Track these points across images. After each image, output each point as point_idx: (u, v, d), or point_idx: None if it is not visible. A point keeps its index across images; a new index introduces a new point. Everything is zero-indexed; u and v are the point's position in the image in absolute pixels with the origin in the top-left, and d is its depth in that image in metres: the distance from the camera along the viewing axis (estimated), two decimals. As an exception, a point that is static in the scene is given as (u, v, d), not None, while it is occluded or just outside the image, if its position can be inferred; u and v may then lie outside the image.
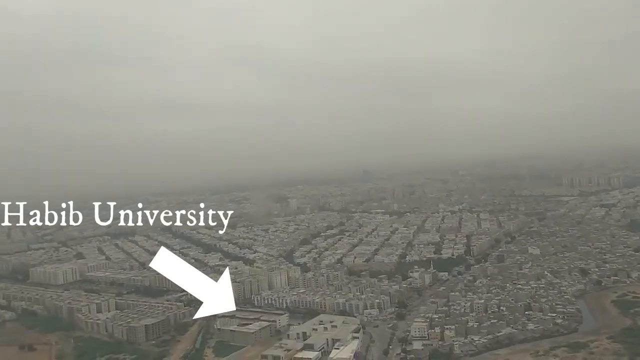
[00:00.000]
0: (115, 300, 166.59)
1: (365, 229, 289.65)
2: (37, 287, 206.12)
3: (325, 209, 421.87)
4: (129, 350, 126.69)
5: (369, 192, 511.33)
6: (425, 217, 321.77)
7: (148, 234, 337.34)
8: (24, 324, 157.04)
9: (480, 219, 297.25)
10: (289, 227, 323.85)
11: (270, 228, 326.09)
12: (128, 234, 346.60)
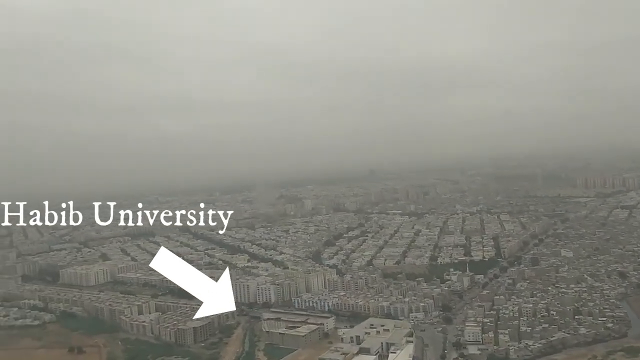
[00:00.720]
0: (155, 302, 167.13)
1: (387, 231, 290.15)
2: (69, 288, 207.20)
3: (341, 210, 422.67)
4: (179, 352, 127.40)
5: (381, 193, 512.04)
6: (445, 219, 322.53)
7: (168, 235, 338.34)
8: (66, 326, 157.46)
9: (501, 220, 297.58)
10: (309, 228, 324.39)
11: (289, 229, 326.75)
12: (148, 235, 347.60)
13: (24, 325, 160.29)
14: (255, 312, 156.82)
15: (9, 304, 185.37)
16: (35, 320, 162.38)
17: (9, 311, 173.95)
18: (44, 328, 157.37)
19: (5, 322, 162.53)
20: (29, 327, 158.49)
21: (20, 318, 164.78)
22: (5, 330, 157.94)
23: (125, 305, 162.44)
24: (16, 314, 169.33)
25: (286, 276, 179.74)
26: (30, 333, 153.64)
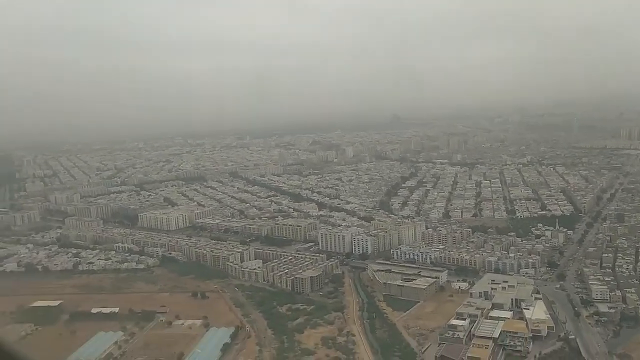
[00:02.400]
0: (254, 249, 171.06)
1: (446, 181, 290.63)
2: (148, 232, 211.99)
3: (383, 158, 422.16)
4: (301, 300, 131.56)
5: (421, 141, 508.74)
6: (499, 170, 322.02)
7: (220, 180, 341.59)
8: (172, 270, 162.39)
9: (560, 173, 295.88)
10: (361, 176, 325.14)
11: (341, 177, 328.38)
12: (198, 179, 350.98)
13: (129, 268, 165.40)
14: (355, 262, 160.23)
15: (102, 247, 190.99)
16: (139, 264, 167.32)
17: (108, 254, 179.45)
18: (151, 272, 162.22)
19: (110, 265, 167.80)
20: (135, 271, 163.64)
21: (124, 262, 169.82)
22: (113, 273, 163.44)
23: (227, 252, 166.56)
24: (117, 257, 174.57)
25: (376, 227, 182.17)
26: (140, 277, 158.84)
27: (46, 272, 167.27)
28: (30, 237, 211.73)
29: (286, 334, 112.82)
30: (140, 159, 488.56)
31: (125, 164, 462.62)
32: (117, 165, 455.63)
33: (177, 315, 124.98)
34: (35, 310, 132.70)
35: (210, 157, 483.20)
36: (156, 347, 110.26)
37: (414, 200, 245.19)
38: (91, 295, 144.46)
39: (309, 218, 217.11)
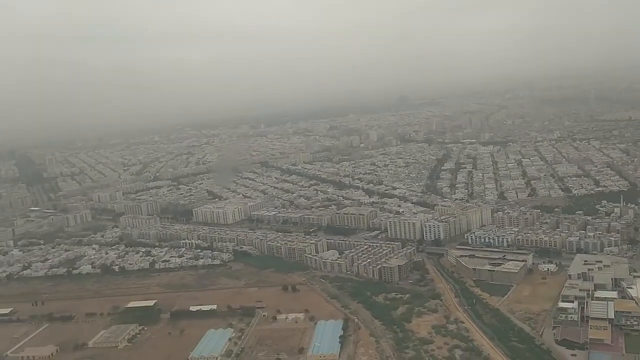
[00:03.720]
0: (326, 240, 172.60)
1: (483, 162, 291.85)
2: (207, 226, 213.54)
3: (408, 140, 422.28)
4: (394, 289, 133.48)
5: (442, 122, 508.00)
6: (532, 147, 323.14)
7: (253, 170, 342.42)
8: (250, 264, 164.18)
9: (595, 147, 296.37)
10: (396, 161, 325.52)
11: (375, 162, 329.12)
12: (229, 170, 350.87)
13: (206, 265, 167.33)
14: (429, 249, 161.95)
15: (168, 244, 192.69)
16: (214, 260, 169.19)
17: (179, 251, 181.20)
18: (229, 267, 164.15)
19: (186, 263, 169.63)
20: (213, 267, 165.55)
21: (198, 258, 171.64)
22: (191, 270, 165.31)
23: (301, 244, 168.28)
24: (189, 254, 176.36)
25: (441, 213, 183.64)
26: (220, 273, 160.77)
27: (123, 272, 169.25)
28: (90, 237, 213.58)
29: (395, 324, 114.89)
30: (161, 153, 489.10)
31: (148, 158, 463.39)
32: (141, 159, 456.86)
33: (278, 310, 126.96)
34: (133, 311, 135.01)
35: (230, 148, 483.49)
36: (272, 342, 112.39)
37: (461, 182, 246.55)
38: (180, 294, 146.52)
39: (363, 206, 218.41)
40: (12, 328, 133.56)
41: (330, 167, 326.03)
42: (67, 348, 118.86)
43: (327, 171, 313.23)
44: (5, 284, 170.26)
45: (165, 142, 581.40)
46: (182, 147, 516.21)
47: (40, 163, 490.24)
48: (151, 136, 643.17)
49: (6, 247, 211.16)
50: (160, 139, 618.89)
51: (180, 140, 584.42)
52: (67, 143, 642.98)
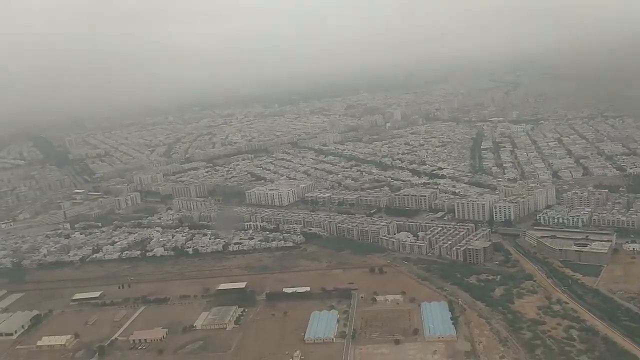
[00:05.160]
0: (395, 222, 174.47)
1: (521, 141, 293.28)
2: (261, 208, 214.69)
3: (433, 119, 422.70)
4: (483, 271, 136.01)
5: (463, 99, 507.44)
6: (566, 125, 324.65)
7: (286, 151, 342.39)
8: (322, 247, 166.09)
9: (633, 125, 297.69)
10: (430, 140, 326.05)
11: (408, 142, 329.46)
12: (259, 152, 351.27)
13: (279, 247, 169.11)
14: (502, 230, 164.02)
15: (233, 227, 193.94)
16: (286, 242, 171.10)
17: (247, 234, 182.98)
18: (304, 249, 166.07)
19: (259, 245, 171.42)
20: (287, 249, 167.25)
21: (271, 240, 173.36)
22: (266, 252, 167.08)
23: (374, 226, 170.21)
24: (259, 237, 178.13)
25: (505, 193, 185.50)
26: (296, 254, 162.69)
27: (197, 254, 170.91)
28: (147, 220, 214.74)
29: (498, 305, 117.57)
30: (180, 133, 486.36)
31: (169, 138, 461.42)
32: (162, 140, 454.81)
33: (374, 292, 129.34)
34: (225, 293, 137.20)
35: (251, 128, 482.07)
36: (381, 324, 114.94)
37: (506, 162, 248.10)
38: (265, 276, 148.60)
39: (416, 187, 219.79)
40: (110, 311, 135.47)
41: (364, 148, 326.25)
42: (174, 330, 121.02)
43: (362, 151, 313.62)
44: (80, 267, 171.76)
45: (180, 123, 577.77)
46: (200, 128, 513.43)
47: (59, 144, 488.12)
48: (164, 116, 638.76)
49: (64, 229, 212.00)
50: (174, 119, 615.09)
51: (196, 120, 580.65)
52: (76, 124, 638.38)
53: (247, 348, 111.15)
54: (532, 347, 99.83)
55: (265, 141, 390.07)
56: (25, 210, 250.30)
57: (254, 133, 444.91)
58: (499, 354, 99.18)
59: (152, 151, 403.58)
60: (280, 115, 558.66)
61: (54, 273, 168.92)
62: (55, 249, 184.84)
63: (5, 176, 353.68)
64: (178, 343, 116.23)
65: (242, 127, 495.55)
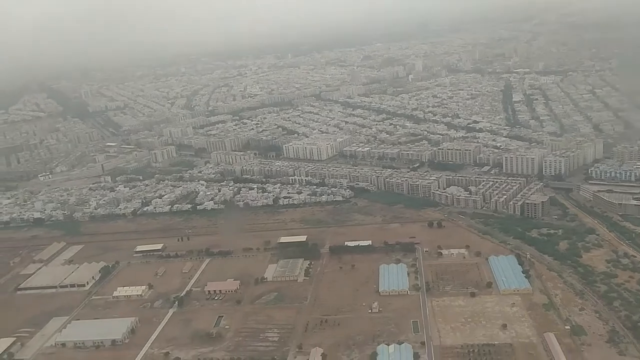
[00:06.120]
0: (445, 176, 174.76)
1: (553, 93, 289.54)
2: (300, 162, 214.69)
3: (455, 70, 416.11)
4: (542, 225, 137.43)
5: (483, 50, 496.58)
6: (595, 77, 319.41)
7: (311, 104, 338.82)
8: (373, 201, 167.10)
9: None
10: (459, 93, 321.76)
11: (435, 94, 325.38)
12: (283, 105, 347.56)
13: (329, 201, 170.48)
14: (555, 184, 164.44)
15: (275, 180, 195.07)
16: (336, 196, 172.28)
17: (294, 188, 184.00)
18: (355, 204, 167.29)
19: (309, 199, 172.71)
20: (337, 203, 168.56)
21: (320, 194, 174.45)
22: (317, 206, 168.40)
23: (424, 181, 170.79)
24: (307, 190, 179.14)
25: (552, 147, 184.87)
26: (348, 209, 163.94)
27: (248, 208, 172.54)
28: (187, 173, 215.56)
29: (567, 259, 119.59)
30: (196, 85, 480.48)
31: (185, 90, 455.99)
32: (179, 92, 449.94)
33: (438, 246, 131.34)
34: (288, 246, 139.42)
35: (268, 80, 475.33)
36: (451, 277, 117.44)
37: (543, 115, 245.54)
38: (322, 229, 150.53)
39: (456, 140, 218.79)
40: (175, 263, 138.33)
41: (391, 100, 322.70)
42: (246, 282, 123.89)
43: (390, 104, 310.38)
44: (132, 220, 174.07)
45: (193, 74, 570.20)
46: (215, 80, 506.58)
47: (74, 96, 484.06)
48: (176, 67, 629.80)
49: (105, 182, 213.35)
50: (186, 70, 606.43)
51: (209, 72, 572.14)
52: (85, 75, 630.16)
53: (323, 299, 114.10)
54: (609, 299, 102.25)
55: (286, 93, 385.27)
56: (60, 163, 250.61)
57: (272, 85, 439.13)
58: (578, 307, 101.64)
59: (172, 103, 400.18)
60: (296, 67, 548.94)
61: (108, 225, 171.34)
62: (104, 202, 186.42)
63: (29, 128, 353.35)
64: (253, 294, 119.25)
65: (258, 79, 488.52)
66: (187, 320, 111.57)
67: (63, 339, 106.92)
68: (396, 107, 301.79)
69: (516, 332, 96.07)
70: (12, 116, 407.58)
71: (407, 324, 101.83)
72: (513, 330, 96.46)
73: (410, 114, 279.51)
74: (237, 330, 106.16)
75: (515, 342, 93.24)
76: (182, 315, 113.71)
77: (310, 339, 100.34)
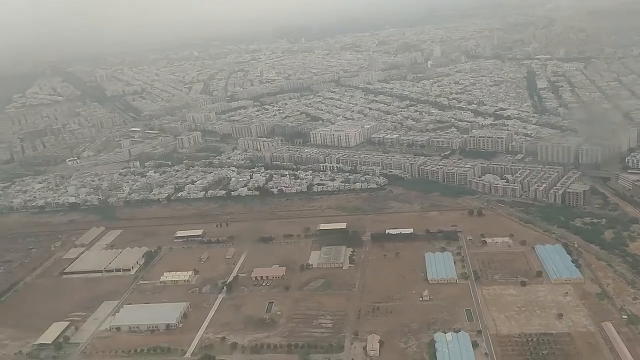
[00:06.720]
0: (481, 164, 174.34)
1: (578, 80, 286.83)
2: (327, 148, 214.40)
3: (474, 56, 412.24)
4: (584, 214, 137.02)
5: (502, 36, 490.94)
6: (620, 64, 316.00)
7: (331, 90, 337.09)
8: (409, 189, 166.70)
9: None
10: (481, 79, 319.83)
11: (458, 81, 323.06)
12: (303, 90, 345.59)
13: (364, 188, 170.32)
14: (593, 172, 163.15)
15: (307, 167, 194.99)
16: (370, 184, 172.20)
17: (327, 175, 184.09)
18: (390, 191, 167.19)
19: (343, 186, 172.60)
20: (372, 190, 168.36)
21: (354, 181, 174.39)
22: (352, 194, 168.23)
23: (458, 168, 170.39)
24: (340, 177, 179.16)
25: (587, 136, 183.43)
26: (385, 196, 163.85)
27: (283, 194, 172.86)
28: (217, 159, 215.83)
29: (614, 248, 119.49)
30: (210, 69, 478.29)
31: (201, 75, 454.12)
32: (195, 77, 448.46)
33: (482, 234, 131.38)
34: (329, 233, 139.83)
35: (283, 65, 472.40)
36: (499, 266, 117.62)
37: (570, 102, 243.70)
38: (360, 216, 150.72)
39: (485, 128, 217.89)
40: (217, 249, 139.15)
41: (412, 87, 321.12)
42: (291, 268, 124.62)
43: (412, 91, 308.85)
44: (167, 206, 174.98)
45: (207, 58, 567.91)
46: (229, 64, 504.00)
47: (89, 80, 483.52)
48: (189, 51, 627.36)
49: (135, 167, 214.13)
50: (199, 54, 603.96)
51: (222, 56, 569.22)
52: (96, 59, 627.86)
53: (371, 287, 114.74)
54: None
55: (304, 79, 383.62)
56: (87, 147, 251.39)
57: (289, 70, 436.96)
58: (631, 296, 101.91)
59: (190, 88, 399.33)
60: (310, 52, 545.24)
61: (143, 211, 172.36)
62: (137, 187, 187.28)
63: (49, 112, 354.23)
64: (300, 280, 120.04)
65: (273, 64, 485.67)
66: (238, 305, 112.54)
67: (117, 323, 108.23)
68: (419, 93, 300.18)
69: (572, 321, 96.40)
70: (30, 100, 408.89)
71: (461, 312, 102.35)
72: (569, 320, 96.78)
73: (434, 101, 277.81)
74: (289, 316, 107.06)
75: (572, 332, 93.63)
76: (231, 301, 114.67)
77: (364, 325, 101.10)
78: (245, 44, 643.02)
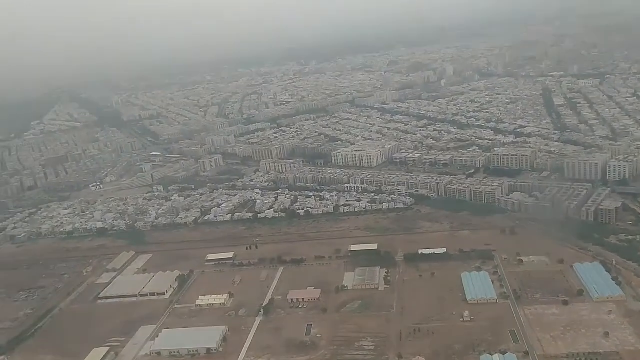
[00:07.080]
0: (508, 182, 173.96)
1: (595, 96, 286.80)
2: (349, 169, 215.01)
3: (486, 74, 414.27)
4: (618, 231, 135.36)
5: (513, 54, 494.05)
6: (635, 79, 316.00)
7: (347, 110, 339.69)
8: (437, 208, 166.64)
9: None
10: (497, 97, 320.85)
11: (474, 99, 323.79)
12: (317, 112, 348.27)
13: (391, 209, 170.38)
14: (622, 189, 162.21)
15: (330, 188, 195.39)
16: (397, 204, 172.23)
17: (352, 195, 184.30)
18: (418, 211, 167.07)
19: (370, 207, 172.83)
20: (400, 210, 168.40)
21: (381, 202, 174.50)
22: (380, 214, 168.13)
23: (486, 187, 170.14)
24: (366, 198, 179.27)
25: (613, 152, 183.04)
26: (414, 216, 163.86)
27: (310, 216, 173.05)
28: (240, 182, 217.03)
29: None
30: (225, 93, 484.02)
31: (216, 98, 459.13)
32: (209, 100, 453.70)
33: (517, 253, 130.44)
34: (360, 254, 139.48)
35: (296, 87, 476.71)
36: (538, 285, 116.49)
37: (590, 119, 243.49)
38: (391, 237, 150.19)
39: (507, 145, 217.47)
40: (250, 272, 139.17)
41: (428, 106, 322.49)
42: (327, 290, 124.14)
43: (429, 110, 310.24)
44: (195, 229, 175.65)
45: (220, 82, 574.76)
46: (242, 87, 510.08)
47: (106, 105, 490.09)
48: (201, 75, 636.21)
49: (159, 191, 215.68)
50: (212, 78, 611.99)
51: (235, 79, 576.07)
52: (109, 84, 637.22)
53: (410, 308, 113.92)
54: None
55: (318, 100, 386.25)
56: (109, 173, 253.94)
57: (302, 92, 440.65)
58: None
59: (205, 112, 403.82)
60: (321, 73, 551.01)
61: (171, 235, 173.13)
62: (163, 212, 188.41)
63: (68, 138, 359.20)
64: (336, 302, 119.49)
65: (286, 86, 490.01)
66: (277, 328, 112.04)
67: (157, 348, 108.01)
68: (436, 112, 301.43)
69: (619, 340, 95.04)
70: (48, 126, 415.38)
71: (504, 333, 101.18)
72: (616, 338, 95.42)
73: (452, 119, 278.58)
74: (330, 339, 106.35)
75: (621, 350, 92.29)
76: (270, 324, 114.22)
77: (407, 348, 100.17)
78: (257, 67, 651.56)
